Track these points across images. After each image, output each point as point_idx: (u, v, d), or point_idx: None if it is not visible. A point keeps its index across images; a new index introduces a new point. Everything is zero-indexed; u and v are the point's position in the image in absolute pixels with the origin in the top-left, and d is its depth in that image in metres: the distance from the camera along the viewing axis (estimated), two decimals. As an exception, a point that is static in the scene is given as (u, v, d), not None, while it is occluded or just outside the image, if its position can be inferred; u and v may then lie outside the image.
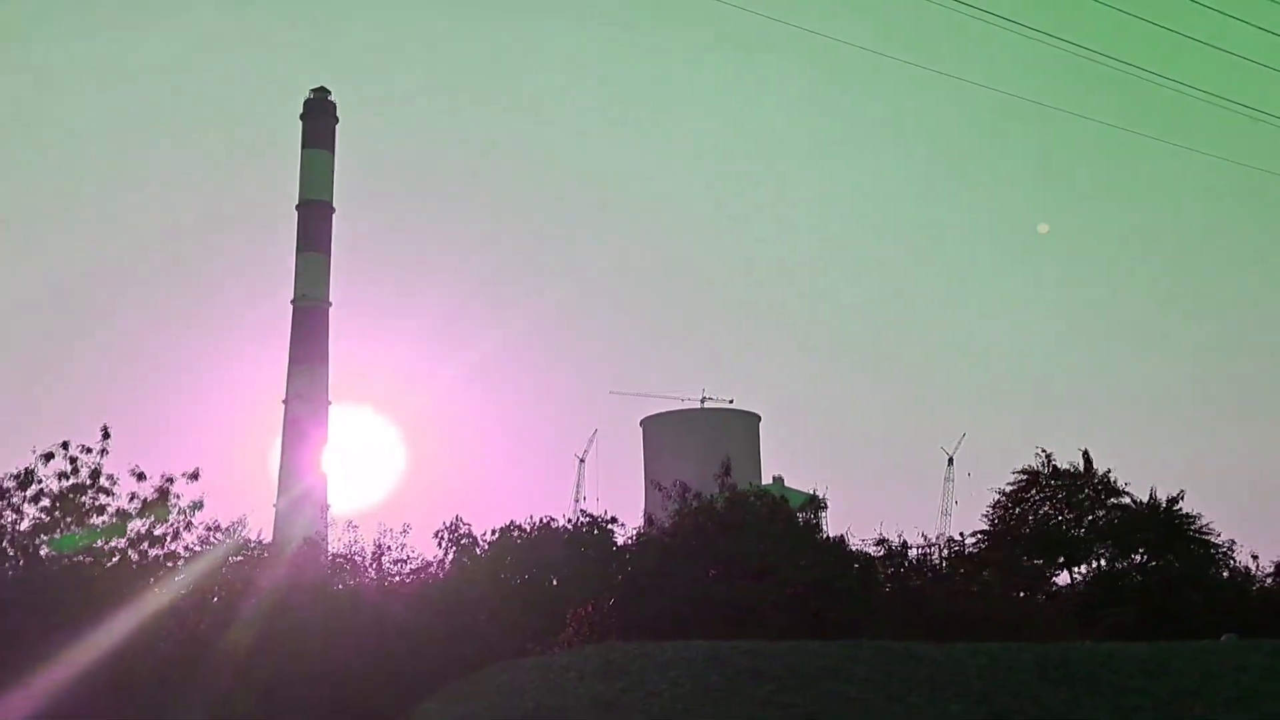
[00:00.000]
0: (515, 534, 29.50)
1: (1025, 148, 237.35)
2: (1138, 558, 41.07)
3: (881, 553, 31.26)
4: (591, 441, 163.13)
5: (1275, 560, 41.85)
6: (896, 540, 32.17)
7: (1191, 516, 40.33)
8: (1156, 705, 20.94)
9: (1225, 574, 39.80)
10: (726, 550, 27.59)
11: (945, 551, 37.39)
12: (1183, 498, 40.73)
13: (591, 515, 30.63)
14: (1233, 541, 40.68)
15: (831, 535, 31.52)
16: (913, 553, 33.11)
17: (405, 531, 31.00)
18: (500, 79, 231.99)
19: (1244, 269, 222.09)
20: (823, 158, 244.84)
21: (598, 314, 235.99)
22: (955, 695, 19.48)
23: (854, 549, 30.27)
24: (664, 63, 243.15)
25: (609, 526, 30.10)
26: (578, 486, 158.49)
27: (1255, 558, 42.54)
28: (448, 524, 30.49)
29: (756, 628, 25.02)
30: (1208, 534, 40.31)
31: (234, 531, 29.95)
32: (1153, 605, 35.22)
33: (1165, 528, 40.46)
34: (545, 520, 30.20)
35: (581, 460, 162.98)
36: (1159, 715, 20.68)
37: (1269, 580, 40.77)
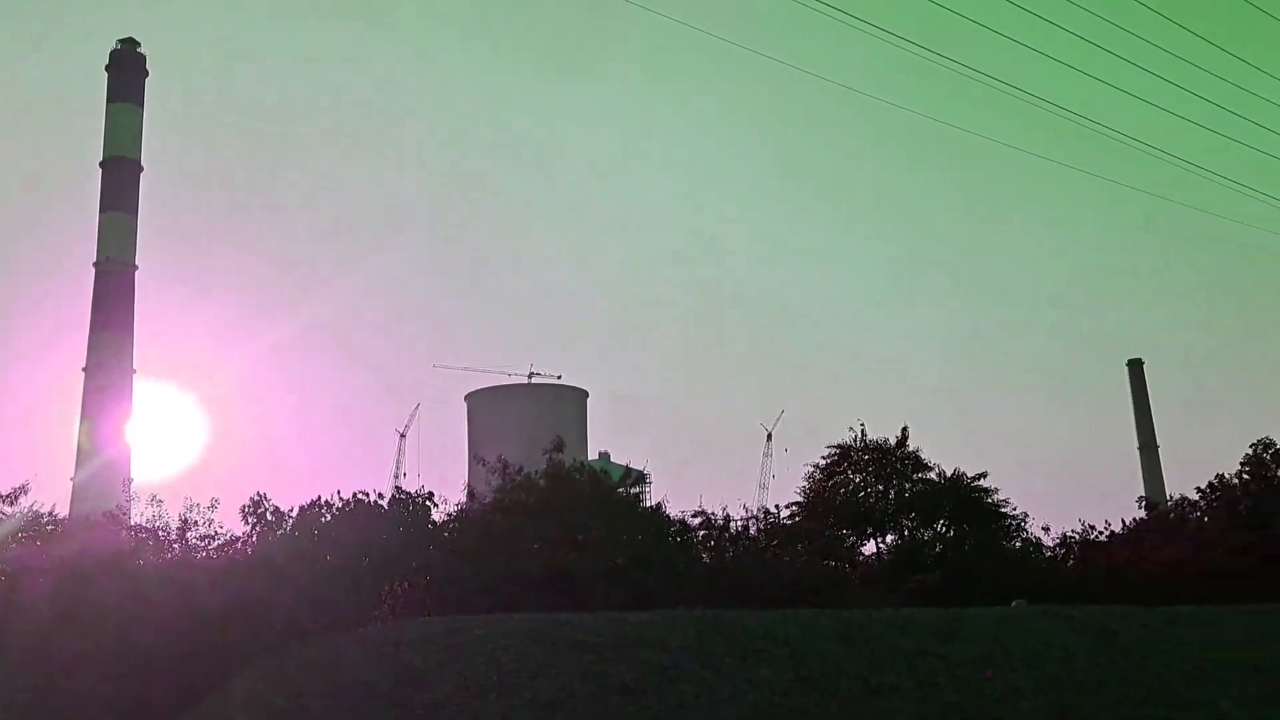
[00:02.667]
0: (323, 510, 28.64)
1: (853, 132, 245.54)
2: (939, 528, 43.15)
3: (699, 524, 31.88)
4: (413, 417, 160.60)
5: (1062, 531, 44.68)
6: (716, 513, 32.88)
7: (988, 489, 42.65)
8: (950, 667, 22.05)
9: (1018, 544, 42.20)
10: (547, 524, 27.59)
11: (761, 523, 38.48)
12: (984, 478, 43.04)
13: (406, 492, 30.06)
14: (1025, 514, 43.21)
15: (650, 507, 31.92)
16: (732, 525, 33.92)
17: (213, 506, 29.68)
18: (322, 37, 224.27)
19: (1056, 263, 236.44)
20: (642, 135, 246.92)
21: (422, 285, 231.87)
22: (765, 661, 20.07)
23: (673, 521, 30.75)
24: (498, 26, 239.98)
25: (426, 503, 29.57)
26: (398, 462, 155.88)
27: (1046, 529, 45.37)
28: (253, 500, 29.32)
29: (577, 601, 25.14)
30: (1003, 506, 42.71)
31: (15, 499, 27.94)
32: (950, 573, 37.06)
33: (964, 500, 42.65)
34: (356, 495, 29.41)
35: (402, 435, 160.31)
36: (952, 676, 21.79)
37: (1058, 550, 43.51)
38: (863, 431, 44.65)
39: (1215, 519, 45.59)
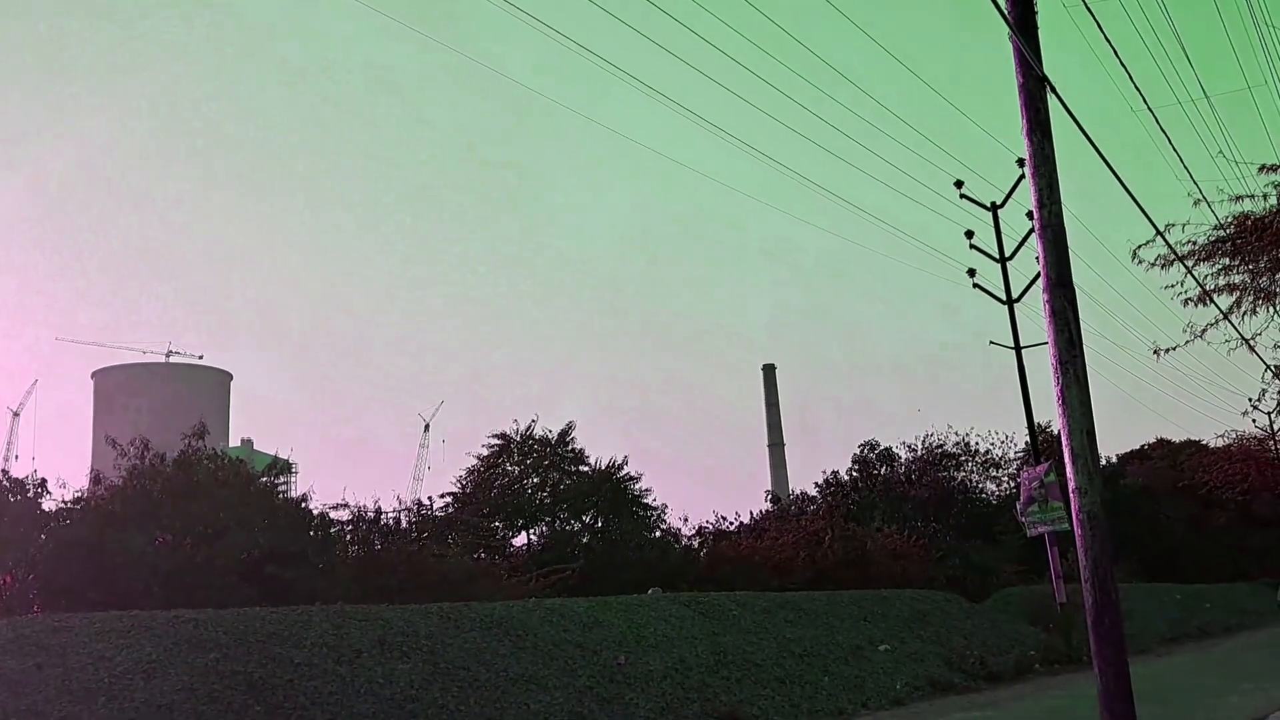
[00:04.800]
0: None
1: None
2: (587, 520, 44.45)
3: (345, 517, 30.96)
4: (30, 393, 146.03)
5: (698, 523, 47.47)
6: (365, 504, 32.03)
7: (633, 479, 44.44)
8: (587, 654, 22.78)
9: (658, 534, 44.28)
10: (174, 514, 25.76)
11: (414, 515, 37.93)
12: (627, 463, 44.71)
13: (16, 479, 27.02)
14: (665, 505, 45.43)
15: (292, 498, 30.61)
16: (383, 518, 33.16)
17: None
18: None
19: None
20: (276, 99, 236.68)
21: (40, 246, 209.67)
22: (404, 654, 19.84)
23: (315, 512, 29.65)
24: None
25: (37, 489, 26.73)
26: (9, 443, 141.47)
27: (685, 519, 47.98)
28: None
29: (207, 596, 23.68)
30: (644, 497, 44.66)
31: None
32: (596, 563, 38.30)
33: (613, 491, 44.21)
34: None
35: (16, 414, 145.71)
36: (589, 663, 22.52)
37: (693, 540, 46.09)
38: (531, 425, 45.01)
39: (827, 511, 50.13)
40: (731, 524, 49.22)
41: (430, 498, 41.60)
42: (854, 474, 59.48)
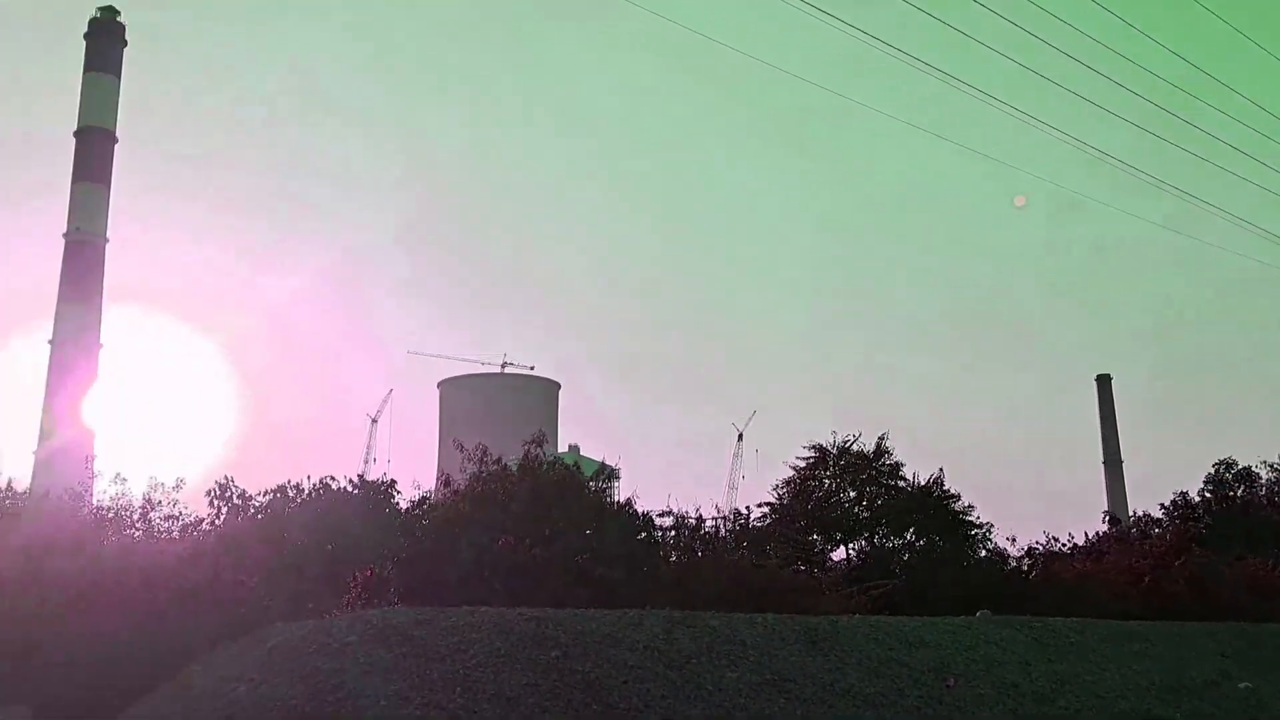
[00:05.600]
0: (292, 494, 28.42)
1: (840, 134, 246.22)
2: (908, 537, 43.28)
3: (669, 523, 31.85)
4: (386, 401, 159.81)
5: (1027, 543, 45.00)
6: (688, 512, 32.86)
7: (954, 496, 42.79)
8: (913, 673, 22.17)
9: (983, 553, 42.47)
10: (516, 517, 27.49)
11: (731, 525, 38.49)
12: (943, 477, 43.12)
13: (371, 481, 29.87)
14: (990, 524, 43.42)
15: (620, 504, 31.86)
16: (704, 526, 33.90)
17: (178, 487, 29.42)
18: (297, 14, 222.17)
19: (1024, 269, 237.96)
20: (630, 127, 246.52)
21: (397, 268, 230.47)
22: (731, 663, 20.09)
23: (641, 518, 30.70)
24: (462, 18, 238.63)
25: (389, 490, 29.39)
26: (369, 447, 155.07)
27: (1012, 540, 45.62)
28: (219, 483, 29.04)
29: (543, 595, 25.08)
30: (968, 514, 42.88)
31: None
32: (917, 581, 37.25)
33: (933, 510, 42.79)
34: (324, 480, 29.22)
35: (374, 420, 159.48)
36: (916, 682, 21.91)
37: (1023, 562, 43.79)
38: (856, 438, 44.44)
39: (1176, 536, 46.04)
40: (1064, 545, 46.34)
41: (748, 507, 42.01)
42: (1206, 495, 54.31)
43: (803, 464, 44.65)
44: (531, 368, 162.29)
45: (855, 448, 44.33)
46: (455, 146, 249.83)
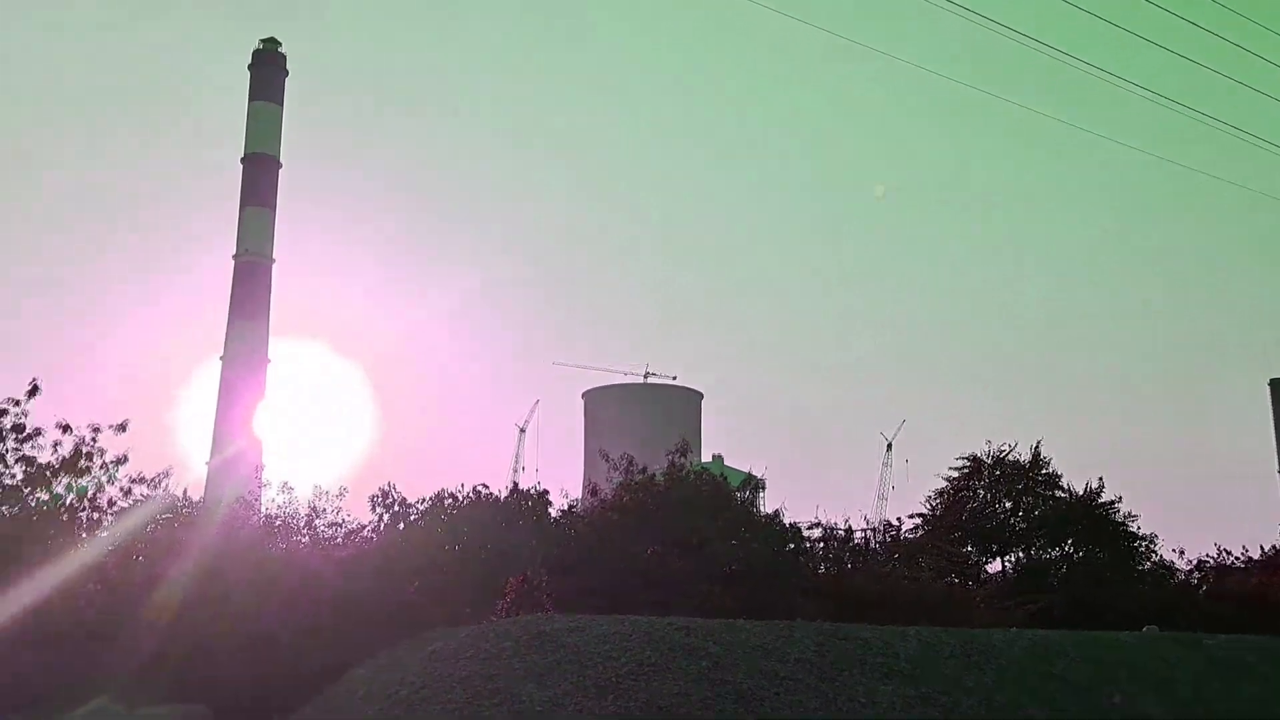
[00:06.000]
0: (449, 502, 29.24)
1: (982, 137, 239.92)
2: (1066, 548, 41.85)
3: (818, 535, 31.55)
4: (533, 411, 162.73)
5: (1196, 557, 42.88)
6: (836, 523, 32.53)
7: (1115, 506, 41.16)
8: (1077, 691, 21.41)
9: (1147, 566, 40.74)
10: (664, 526, 27.66)
11: (882, 536, 37.90)
12: (1103, 486, 41.51)
13: (525, 490, 30.51)
14: (1155, 535, 41.58)
15: (768, 515, 31.71)
16: (854, 538, 33.50)
17: (341, 495, 30.63)
18: (453, 38, 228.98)
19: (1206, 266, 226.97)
20: (768, 140, 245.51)
21: (543, 283, 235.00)
22: (885, 676, 19.76)
23: (790, 530, 30.50)
24: (623, 34, 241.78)
25: (544, 498, 29.97)
26: (517, 456, 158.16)
27: (1180, 552, 43.49)
28: (381, 490, 30.11)
29: (690, 604, 25.15)
30: (1131, 524, 41.16)
31: (158, 484, 29.11)
32: (1076, 595, 35.97)
33: (1094, 520, 41.25)
34: (479, 489, 29.98)
35: (522, 430, 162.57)
36: (1079, 701, 21.15)
37: (1192, 575, 41.79)
38: (1012, 449, 43.28)
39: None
40: (1238, 559, 43.95)
41: (899, 519, 41.26)
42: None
43: (956, 474, 43.61)
44: (674, 377, 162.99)
45: (1010, 457, 43.10)
46: (604, 159, 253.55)
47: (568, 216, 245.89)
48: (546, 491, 32.12)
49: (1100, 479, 41.50)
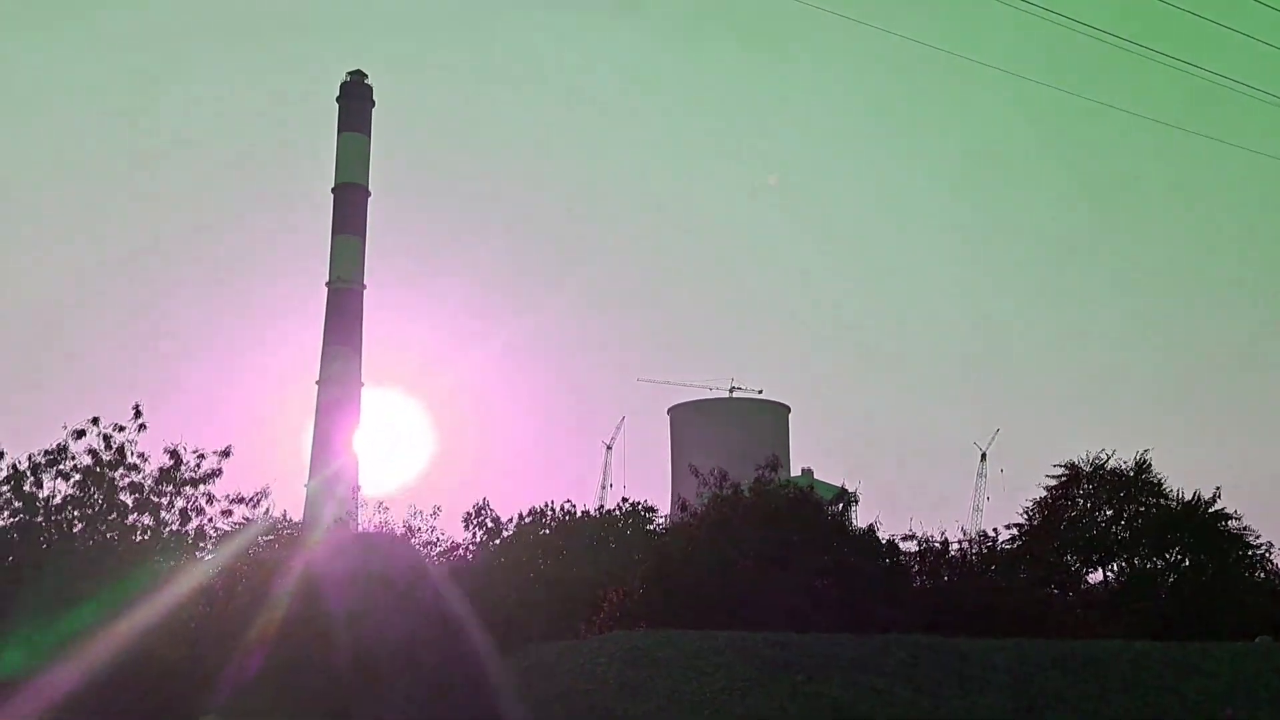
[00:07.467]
0: (545, 519, 29.59)
1: (1056, 141, 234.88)
2: (1171, 557, 40.47)
3: (914, 547, 31.06)
4: (620, 428, 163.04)
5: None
6: (931, 535, 32.01)
7: (1228, 515, 39.68)
8: (1186, 704, 20.77)
9: (1260, 576, 39.19)
10: (755, 540, 27.54)
11: (978, 548, 37.08)
12: (1219, 496, 40.05)
13: (634, 502, 30.71)
14: (1270, 544, 39.96)
15: (861, 529, 31.35)
16: (950, 550, 32.91)
17: (435, 514, 31.19)
18: (534, 68, 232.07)
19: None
20: (849, 152, 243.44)
21: (627, 301, 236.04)
22: (983, 688, 19.42)
23: (884, 543, 30.11)
24: (694, 58, 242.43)
25: (646, 514, 30.14)
26: (605, 473, 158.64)
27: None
28: (475, 508, 30.59)
29: (779, 617, 24.98)
30: (1244, 535, 39.63)
31: (257, 502, 29.94)
32: (1183, 605, 34.79)
33: (1201, 528, 39.83)
34: (571, 506, 30.30)
35: (609, 447, 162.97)
36: (1189, 713, 20.51)
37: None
38: (1109, 457, 42.12)
39: None
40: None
41: (995, 530, 40.38)
42: None
43: (1054, 483, 42.53)
44: (760, 391, 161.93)
45: (1110, 465, 41.89)
46: (688, 180, 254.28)
47: (649, 234, 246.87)
48: (654, 508, 32.18)
49: (1217, 488, 40.05)
